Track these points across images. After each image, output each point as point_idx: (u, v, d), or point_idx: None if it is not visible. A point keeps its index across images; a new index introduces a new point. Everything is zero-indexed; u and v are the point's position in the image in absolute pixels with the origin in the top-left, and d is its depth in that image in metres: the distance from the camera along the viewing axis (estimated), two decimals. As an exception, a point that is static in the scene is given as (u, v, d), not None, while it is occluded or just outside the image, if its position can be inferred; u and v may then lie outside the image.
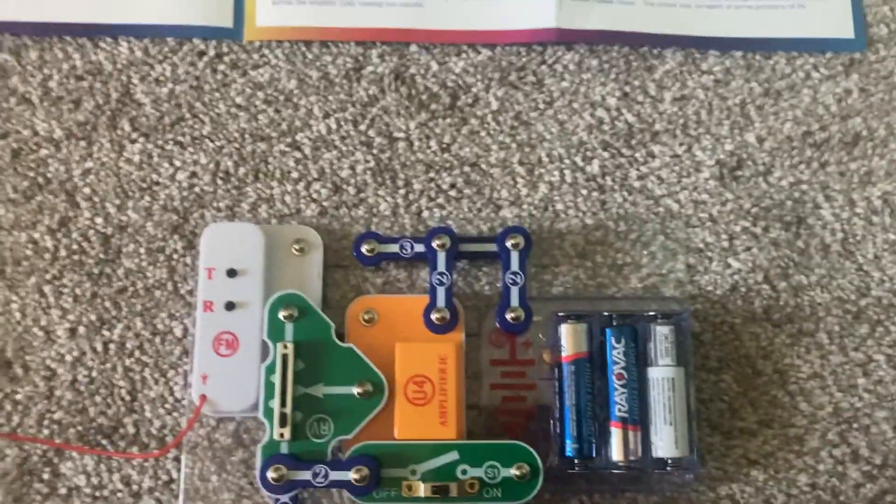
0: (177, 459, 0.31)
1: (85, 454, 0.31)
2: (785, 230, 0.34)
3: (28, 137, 0.34)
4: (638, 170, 0.34)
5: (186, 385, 0.32)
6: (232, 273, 0.31)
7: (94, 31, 0.35)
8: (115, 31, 0.35)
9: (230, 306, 0.31)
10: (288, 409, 0.29)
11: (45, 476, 0.31)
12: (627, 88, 0.35)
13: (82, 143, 0.34)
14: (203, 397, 0.30)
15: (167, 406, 0.32)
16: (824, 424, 0.32)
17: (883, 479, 0.31)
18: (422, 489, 0.29)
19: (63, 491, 0.31)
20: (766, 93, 0.35)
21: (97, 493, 0.31)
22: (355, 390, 0.30)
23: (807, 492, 0.31)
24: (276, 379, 0.30)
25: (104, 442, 0.32)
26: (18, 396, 0.32)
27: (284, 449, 0.29)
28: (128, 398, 0.32)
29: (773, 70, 0.35)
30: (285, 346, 0.30)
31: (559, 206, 0.34)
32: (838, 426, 0.32)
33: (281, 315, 0.30)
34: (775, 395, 0.32)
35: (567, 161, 0.34)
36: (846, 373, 0.32)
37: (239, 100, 0.35)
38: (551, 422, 0.30)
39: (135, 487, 0.31)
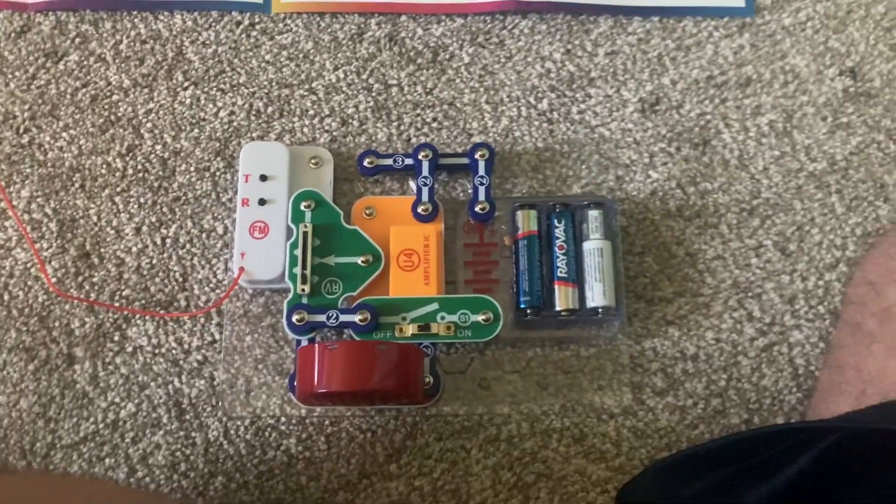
0: (219, 325, 0.40)
1: (147, 318, 0.40)
2: (693, 149, 0.43)
3: (103, 86, 0.44)
4: (578, 106, 0.44)
5: (227, 270, 0.41)
6: (263, 178, 0.40)
7: (154, 7, 0.45)
8: (170, 7, 0.45)
9: (262, 202, 0.40)
10: (308, 272, 0.38)
11: (116, 338, 0.40)
12: (570, 46, 0.45)
13: (145, 91, 0.44)
14: (241, 269, 0.39)
15: (211, 285, 0.41)
16: (726, 294, 0.41)
17: (772, 334, 0.40)
18: (410, 329, 0.37)
19: (130, 349, 0.40)
20: (679, 48, 0.45)
21: (156, 351, 0.40)
22: (359, 260, 0.39)
23: (712, 344, 0.40)
24: (299, 251, 0.38)
25: (161, 312, 0.40)
26: (95, 279, 0.41)
27: (305, 301, 0.38)
28: (180, 279, 0.41)
29: (684, 31, 0.45)
30: (305, 226, 0.39)
31: (517, 134, 0.43)
32: (737, 295, 0.41)
33: (302, 206, 0.39)
34: (687, 272, 0.41)
35: (523, 101, 0.44)
36: (742, 254, 0.41)
37: (268, 57, 0.44)
38: (511, 289, 0.39)
39: (186, 346, 0.40)
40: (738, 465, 0.33)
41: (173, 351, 0.40)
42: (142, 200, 0.42)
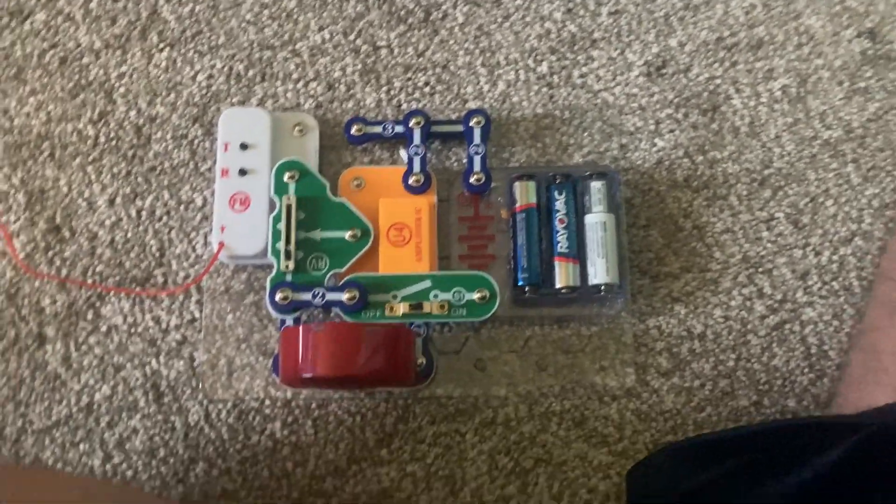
0: (199, 302, 0.38)
1: (122, 296, 0.38)
2: (702, 116, 0.40)
3: (73, 48, 0.41)
4: (580, 70, 0.41)
5: (206, 244, 0.38)
6: (244, 146, 0.38)
7: (127, -37, 0.42)
8: (144, -38, 0.42)
9: (243, 172, 0.37)
10: (292, 248, 0.36)
11: (89, 316, 0.38)
12: (571, 5, 0.42)
13: (118, 52, 0.41)
14: (221, 244, 0.37)
15: (190, 260, 0.38)
16: (735, 269, 0.39)
17: (783, 312, 0.38)
18: (401, 308, 0.35)
19: (104, 328, 0.38)
20: (687, 6, 0.42)
21: (132, 330, 0.38)
22: (347, 234, 0.36)
23: (721, 322, 0.38)
24: (282, 225, 0.36)
25: (137, 289, 0.38)
26: (66, 254, 0.38)
27: (289, 279, 0.36)
28: (157, 254, 0.39)
29: (692, -11, 0.42)
30: (289, 199, 0.36)
31: (515, 100, 0.41)
32: (746, 270, 0.39)
33: (285, 177, 0.37)
34: (694, 247, 0.39)
35: (521, 63, 0.41)
36: (752, 228, 0.39)
37: (248, 17, 0.42)
38: (508, 265, 0.37)
39: (164, 325, 0.38)
40: (762, 454, 0.31)
41: (150, 330, 0.38)
42: (115, 170, 0.39)
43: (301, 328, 0.32)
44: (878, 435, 0.28)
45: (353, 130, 0.39)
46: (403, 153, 0.39)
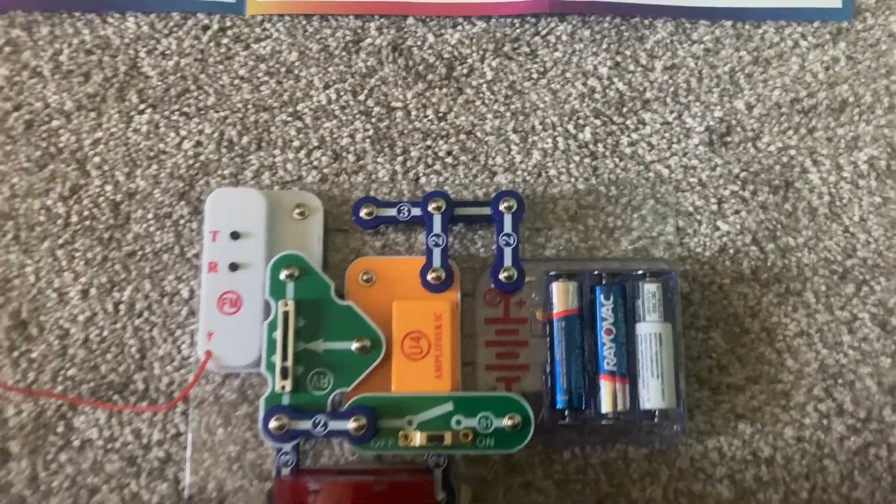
0: (185, 413, 0.33)
1: (97, 408, 0.33)
2: (773, 193, 0.34)
3: (40, 109, 0.36)
4: (629, 136, 0.35)
5: (193, 343, 0.33)
6: (235, 235, 0.32)
7: (102, 7, 0.36)
8: (122, 6, 0.36)
9: (234, 267, 0.32)
10: (289, 363, 0.30)
11: (60, 429, 0.33)
12: (619, 58, 0.36)
13: (92, 115, 0.36)
14: (208, 353, 0.31)
15: (175, 364, 0.33)
16: (810, 380, 0.33)
17: (867, 433, 0.32)
18: (418, 438, 0.30)
19: (77, 443, 0.33)
20: (756, 61, 0.36)
21: (109, 446, 0.33)
22: (354, 346, 0.31)
23: (792, 444, 0.32)
24: (278, 335, 0.31)
25: (115, 397, 0.33)
26: (34, 355, 0.33)
27: (286, 401, 0.31)
28: (137, 356, 0.33)
29: (762, 39, 0.36)
30: (286, 304, 0.31)
31: (552, 172, 0.35)
32: (824, 382, 0.33)
33: (282, 275, 0.32)
34: (762, 353, 0.33)
35: (560, 129, 0.35)
36: (832, 330, 0.33)
37: (242, 72, 0.36)
38: (543, 377, 0.32)
39: (145, 440, 0.33)
40: None
41: (129, 446, 0.33)
42: (89, 255, 0.34)
43: (294, 487, 0.27)
44: None
45: (363, 213, 0.33)
46: (422, 238, 0.33)
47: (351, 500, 0.26)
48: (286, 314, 0.31)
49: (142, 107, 0.36)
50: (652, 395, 0.30)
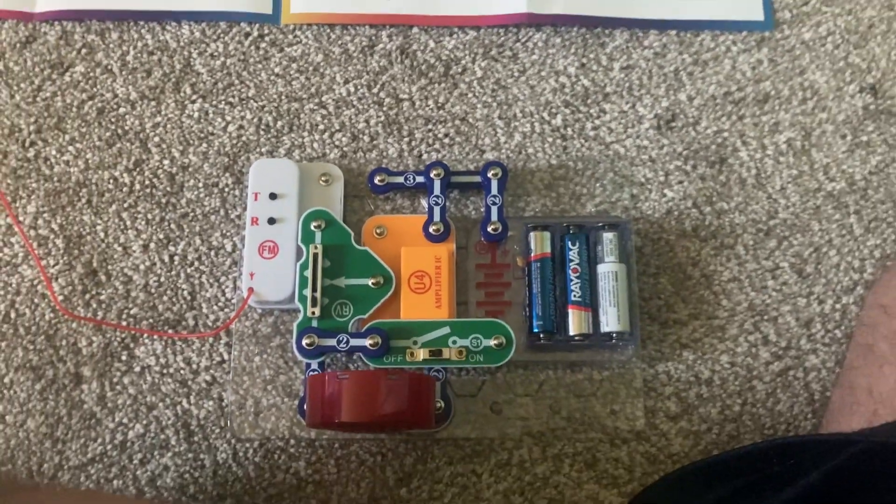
0: (228, 344, 0.40)
1: (155, 338, 0.40)
2: (710, 168, 0.42)
3: (110, 99, 0.43)
4: (593, 122, 0.43)
5: (236, 288, 0.40)
6: (273, 196, 0.40)
7: (161, 17, 0.44)
8: (178, 17, 0.44)
9: (272, 221, 0.39)
10: (318, 294, 0.38)
11: (124, 357, 0.40)
12: (584, 60, 0.44)
13: (153, 104, 0.43)
14: (250, 290, 0.38)
15: (220, 304, 0.40)
16: (741, 317, 0.40)
17: (787, 358, 0.40)
18: (421, 354, 0.37)
19: (138, 369, 0.39)
20: (695, 62, 0.44)
21: (164, 371, 0.39)
22: (370, 282, 0.38)
23: (727, 368, 0.39)
24: (309, 272, 0.38)
25: (170, 331, 0.40)
26: (102, 297, 0.40)
27: (315, 324, 0.38)
28: (189, 298, 0.40)
29: (701, 45, 0.44)
30: (316, 247, 0.38)
31: (530, 151, 0.43)
32: (752, 318, 0.40)
33: (312, 226, 0.39)
34: (702, 294, 0.40)
35: (536, 116, 0.43)
36: (758, 276, 0.41)
37: (277, 70, 0.44)
38: (523, 311, 0.39)
39: (194, 366, 0.39)
40: (749, 476, 0.33)
41: (182, 371, 0.39)
42: (149, 216, 0.41)
43: (326, 376, 0.34)
44: (857, 455, 0.30)
45: (377, 180, 0.41)
46: (424, 202, 0.41)
47: (371, 386, 0.33)
48: (315, 255, 0.38)
49: (194, 97, 0.43)
50: (610, 320, 0.38)
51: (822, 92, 0.43)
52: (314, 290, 0.38)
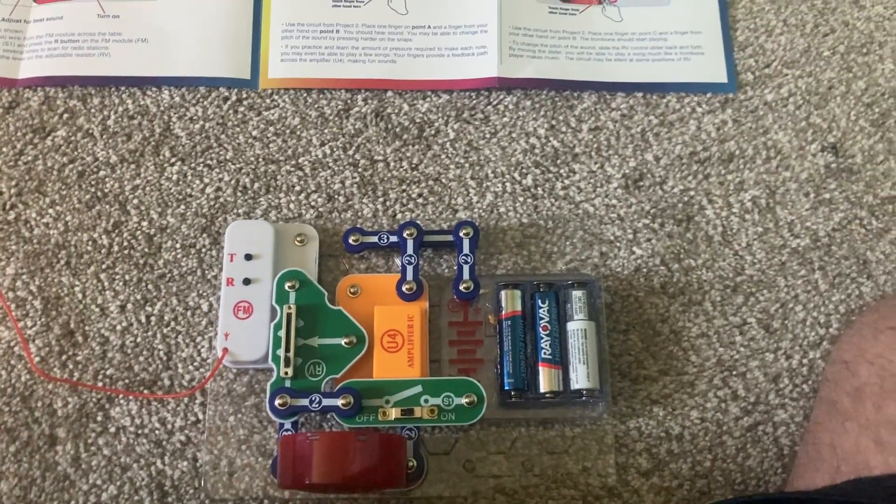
0: (203, 404, 0.40)
1: (130, 398, 0.40)
2: (677, 225, 0.43)
3: (90, 162, 0.44)
4: (562, 182, 0.44)
5: (211, 348, 0.41)
6: (248, 257, 0.40)
7: (142, 82, 0.45)
8: (158, 82, 0.45)
9: (247, 282, 0.40)
10: (291, 354, 0.38)
11: (99, 418, 0.40)
12: (553, 122, 0.45)
13: (132, 166, 0.44)
14: (225, 350, 0.39)
15: (195, 364, 0.41)
16: (710, 372, 0.41)
17: (756, 413, 0.40)
18: (393, 413, 0.37)
19: (112, 430, 0.40)
20: (662, 123, 0.45)
21: (139, 431, 0.40)
22: (343, 341, 0.39)
23: (697, 423, 0.40)
24: (283, 332, 0.38)
25: (145, 391, 0.40)
26: (79, 358, 0.41)
27: (288, 384, 0.38)
28: (164, 358, 0.41)
29: (667, 106, 0.46)
30: (289, 308, 0.39)
31: (502, 210, 0.43)
32: (721, 373, 0.41)
33: (286, 286, 0.39)
34: (671, 350, 0.41)
35: (507, 176, 0.44)
36: (726, 332, 0.41)
37: (255, 133, 0.45)
38: (495, 368, 0.39)
39: (169, 426, 0.40)
40: None
41: (157, 431, 0.40)
42: (127, 277, 0.42)
43: (297, 437, 0.34)
44: None
45: (351, 240, 0.42)
46: (398, 261, 0.42)
47: (341, 447, 0.33)
48: (289, 315, 0.39)
49: (173, 160, 0.44)
50: (580, 377, 0.38)
51: (785, 151, 0.45)
52: (287, 350, 0.38)
